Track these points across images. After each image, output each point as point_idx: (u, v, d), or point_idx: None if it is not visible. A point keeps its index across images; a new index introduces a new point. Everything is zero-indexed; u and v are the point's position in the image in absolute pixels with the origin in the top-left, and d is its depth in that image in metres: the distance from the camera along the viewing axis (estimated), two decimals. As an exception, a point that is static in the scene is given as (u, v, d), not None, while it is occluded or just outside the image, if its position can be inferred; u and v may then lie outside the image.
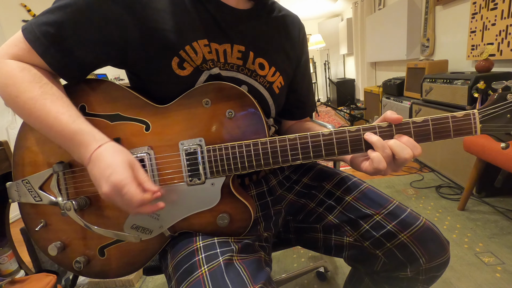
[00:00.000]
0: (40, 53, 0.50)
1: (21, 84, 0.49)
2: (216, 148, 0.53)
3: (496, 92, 0.48)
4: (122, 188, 0.45)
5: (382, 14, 3.61)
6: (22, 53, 0.51)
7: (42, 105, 0.49)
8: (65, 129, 0.49)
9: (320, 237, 0.68)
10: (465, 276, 1.19)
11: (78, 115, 0.51)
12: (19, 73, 0.50)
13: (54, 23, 0.49)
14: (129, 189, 0.45)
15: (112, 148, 0.49)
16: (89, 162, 0.48)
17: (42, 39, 0.49)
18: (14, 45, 0.51)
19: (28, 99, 0.49)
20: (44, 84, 0.50)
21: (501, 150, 1.28)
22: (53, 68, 0.52)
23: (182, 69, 0.55)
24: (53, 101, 0.50)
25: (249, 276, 0.49)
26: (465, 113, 0.48)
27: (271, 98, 0.65)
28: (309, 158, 0.52)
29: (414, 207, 1.76)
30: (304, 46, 0.73)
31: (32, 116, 0.50)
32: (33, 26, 0.50)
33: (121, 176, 0.45)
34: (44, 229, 0.60)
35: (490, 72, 1.80)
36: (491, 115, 0.48)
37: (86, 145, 0.48)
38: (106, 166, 0.46)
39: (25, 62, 0.51)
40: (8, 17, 2.46)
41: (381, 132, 0.49)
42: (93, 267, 0.60)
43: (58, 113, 0.49)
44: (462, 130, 0.49)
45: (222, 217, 0.55)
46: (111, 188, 0.45)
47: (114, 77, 3.37)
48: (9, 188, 0.60)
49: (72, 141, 0.49)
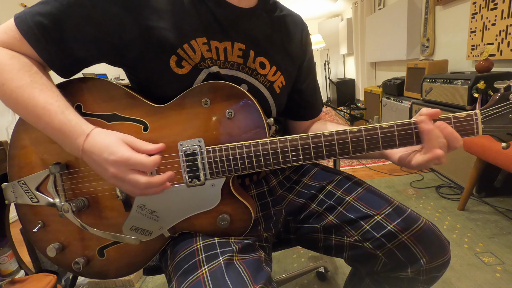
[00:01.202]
0: (32, 43, 0.49)
1: (9, 72, 0.48)
2: (216, 149, 0.53)
3: (498, 92, 0.48)
4: (127, 161, 0.45)
5: (382, 14, 3.61)
6: (13, 42, 0.49)
7: (30, 94, 0.48)
8: (54, 120, 0.47)
9: (320, 238, 0.68)
10: (465, 276, 1.18)
11: (66, 105, 0.49)
12: (8, 61, 0.48)
13: (48, 14, 0.48)
14: (135, 158, 0.45)
15: (101, 132, 0.49)
16: (83, 154, 0.48)
17: (35, 29, 0.48)
18: (4, 32, 0.50)
19: (16, 87, 0.48)
20: (33, 73, 0.49)
21: (501, 150, 1.28)
22: (43, 59, 0.51)
23: (181, 68, 0.55)
24: (42, 90, 0.48)
25: (249, 276, 0.49)
26: (467, 114, 0.48)
27: (271, 97, 0.65)
28: (310, 159, 0.51)
29: (414, 207, 1.76)
30: (307, 45, 0.73)
31: (19, 105, 0.49)
32: (26, 15, 0.49)
33: (121, 152, 0.45)
34: (42, 230, 0.59)
35: (490, 72, 1.80)
36: (493, 116, 0.48)
37: (75, 136, 0.48)
38: (102, 150, 0.46)
39: (15, 51, 0.50)
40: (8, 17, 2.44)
41: (383, 133, 0.49)
42: (92, 267, 0.60)
43: (47, 103, 0.48)
44: (464, 130, 0.48)
45: (223, 218, 0.55)
46: (117, 167, 0.45)
47: (114, 77, 3.36)
48: (5, 189, 0.59)
49: (61, 132, 0.48)
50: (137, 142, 0.49)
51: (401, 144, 0.50)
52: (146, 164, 0.46)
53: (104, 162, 0.46)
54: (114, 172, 0.46)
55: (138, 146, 0.48)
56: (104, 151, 0.46)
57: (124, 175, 0.46)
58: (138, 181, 0.46)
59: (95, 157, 0.47)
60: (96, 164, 0.48)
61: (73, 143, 0.48)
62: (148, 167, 0.46)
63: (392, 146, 0.50)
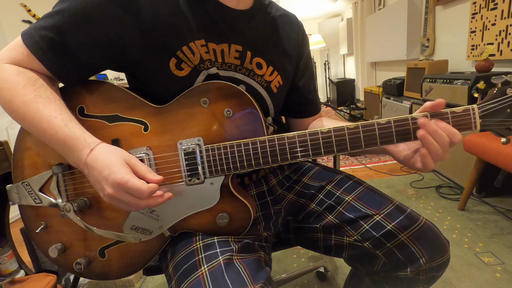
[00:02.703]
0: (38, 57, 0.50)
1: (15, 88, 0.49)
2: (215, 148, 0.53)
3: (496, 87, 0.48)
4: (126, 184, 0.45)
5: (382, 14, 3.61)
6: (21, 58, 0.51)
7: (35, 109, 0.49)
8: (58, 133, 0.48)
9: (320, 237, 0.68)
10: (465, 276, 1.18)
11: (70, 118, 0.50)
12: (14, 77, 0.50)
13: (52, 27, 0.49)
14: (133, 183, 0.45)
15: (105, 149, 0.49)
16: (84, 167, 0.48)
17: (41, 43, 0.50)
18: (13, 49, 0.51)
19: (21, 103, 0.49)
20: (38, 87, 0.50)
21: (501, 150, 1.28)
22: (52, 73, 0.52)
23: (180, 70, 0.55)
24: (46, 104, 0.49)
25: (249, 276, 0.49)
26: (465, 108, 0.48)
27: (269, 97, 0.65)
28: (308, 156, 0.52)
29: (414, 207, 1.76)
30: (304, 44, 0.73)
31: (25, 120, 0.50)
32: (32, 31, 0.50)
33: (120, 174, 0.45)
34: (45, 231, 0.60)
35: (490, 72, 1.80)
36: (491, 110, 0.47)
37: (79, 149, 0.48)
38: (102, 168, 0.46)
39: (24, 67, 0.51)
40: (8, 17, 2.46)
41: (380, 130, 0.49)
42: (93, 268, 0.60)
43: (51, 116, 0.49)
44: (461, 125, 0.48)
45: (222, 216, 0.55)
46: (114, 187, 0.45)
47: (114, 77, 3.37)
48: (9, 190, 0.60)
49: (65, 145, 0.49)
50: (139, 165, 0.48)
51: (398, 140, 0.50)
52: (142, 191, 0.45)
53: (103, 180, 0.46)
54: (110, 192, 0.46)
55: (139, 170, 0.48)
56: (105, 169, 0.46)
57: (120, 196, 0.46)
58: (136, 203, 0.46)
59: (95, 173, 0.47)
60: (95, 180, 0.48)
61: (76, 156, 0.49)
62: (144, 195, 0.45)
63: (390, 142, 0.50)
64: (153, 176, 0.48)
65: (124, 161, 0.47)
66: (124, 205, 0.47)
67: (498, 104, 0.47)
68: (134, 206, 0.47)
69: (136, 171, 0.47)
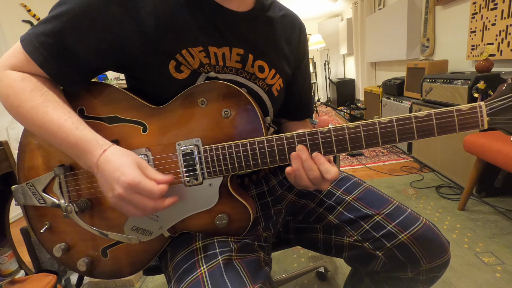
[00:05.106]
0: (39, 63, 0.50)
1: (22, 94, 0.50)
2: (213, 148, 0.53)
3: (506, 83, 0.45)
4: (137, 185, 0.45)
5: (382, 14, 3.61)
6: (22, 64, 0.51)
7: (44, 113, 0.49)
8: (70, 136, 0.49)
9: (320, 238, 0.68)
10: (465, 276, 1.18)
11: (80, 121, 0.51)
12: (20, 83, 0.50)
13: (51, 33, 0.49)
14: (145, 184, 0.45)
15: (118, 151, 0.49)
16: (96, 168, 0.48)
17: (41, 49, 0.50)
18: (13, 56, 0.51)
19: (30, 108, 0.49)
20: (45, 92, 0.51)
21: (501, 150, 1.27)
22: (53, 78, 0.52)
23: (180, 72, 0.55)
24: (55, 108, 0.50)
25: (248, 276, 0.49)
26: (471, 106, 0.45)
27: (269, 101, 0.65)
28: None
29: (414, 207, 1.76)
30: (305, 47, 0.72)
31: (35, 125, 0.50)
32: (31, 36, 0.50)
33: (132, 175, 0.45)
34: (49, 231, 0.61)
35: (490, 72, 1.80)
36: (500, 108, 0.45)
37: (91, 151, 0.48)
38: (114, 169, 0.46)
39: (25, 72, 0.51)
40: (8, 17, 2.46)
41: (381, 129, 0.49)
42: (96, 268, 0.60)
43: (61, 120, 0.49)
44: (468, 124, 0.45)
45: (221, 217, 0.55)
46: (125, 188, 0.45)
47: (114, 77, 3.37)
48: (15, 191, 0.61)
49: (77, 148, 0.49)
50: (149, 169, 0.49)
51: (401, 139, 0.48)
52: (154, 192, 0.46)
53: (114, 181, 0.46)
54: (120, 192, 0.46)
55: (149, 173, 0.48)
56: (117, 169, 0.46)
57: (130, 197, 0.46)
58: (145, 205, 0.47)
59: (106, 174, 0.47)
60: (105, 181, 0.48)
61: (88, 157, 0.49)
62: (155, 195, 0.46)
63: (392, 142, 0.49)
64: (162, 176, 0.48)
65: (136, 163, 0.48)
66: (131, 207, 0.47)
67: (507, 101, 0.44)
68: (141, 207, 0.47)
69: (146, 173, 0.48)
